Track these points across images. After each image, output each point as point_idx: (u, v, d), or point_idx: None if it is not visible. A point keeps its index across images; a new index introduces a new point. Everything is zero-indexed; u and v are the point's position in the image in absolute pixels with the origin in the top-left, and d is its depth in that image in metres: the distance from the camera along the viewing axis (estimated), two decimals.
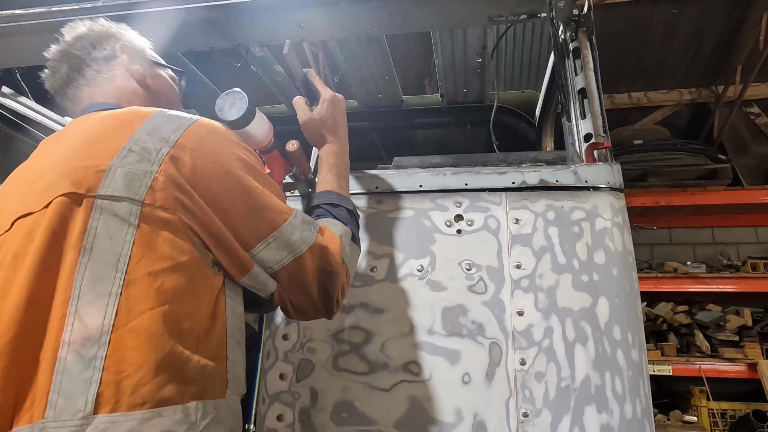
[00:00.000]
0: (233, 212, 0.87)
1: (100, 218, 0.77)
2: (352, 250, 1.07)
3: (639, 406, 1.14)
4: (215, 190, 0.85)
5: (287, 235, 0.91)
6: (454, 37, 1.98)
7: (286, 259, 0.91)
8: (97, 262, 0.75)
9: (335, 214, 1.09)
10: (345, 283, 1.03)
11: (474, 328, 1.22)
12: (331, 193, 1.14)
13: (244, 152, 0.94)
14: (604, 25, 3.73)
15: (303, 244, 0.93)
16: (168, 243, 0.79)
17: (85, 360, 0.69)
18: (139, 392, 0.69)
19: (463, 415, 1.17)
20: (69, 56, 1.09)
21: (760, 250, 4.77)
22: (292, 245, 0.92)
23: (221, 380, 0.82)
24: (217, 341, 0.83)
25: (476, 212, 1.32)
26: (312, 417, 1.22)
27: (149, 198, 0.79)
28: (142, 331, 0.73)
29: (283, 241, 0.91)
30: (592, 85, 1.40)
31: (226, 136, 0.93)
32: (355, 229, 1.12)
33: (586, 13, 1.44)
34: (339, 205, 1.11)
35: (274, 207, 0.92)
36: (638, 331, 1.20)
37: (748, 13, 3.77)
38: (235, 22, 1.54)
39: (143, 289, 0.75)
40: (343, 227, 1.07)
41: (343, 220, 1.09)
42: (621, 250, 1.25)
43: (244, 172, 0.90)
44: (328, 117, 1.23)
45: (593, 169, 1.30)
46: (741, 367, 3.67)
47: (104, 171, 0.80)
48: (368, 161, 1.87)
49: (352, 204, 1.16)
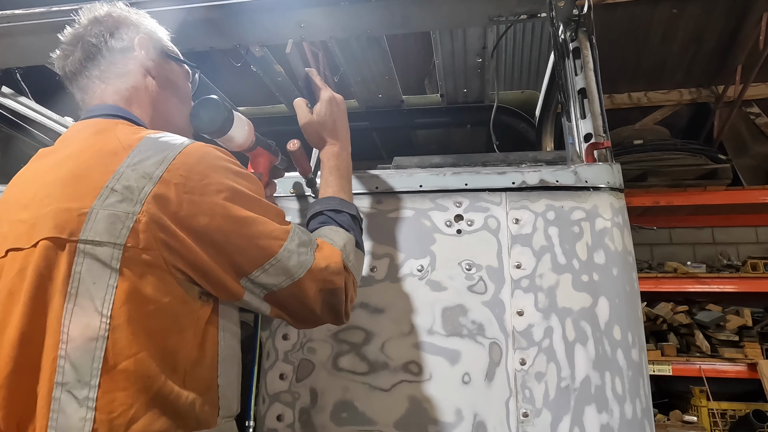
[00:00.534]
0: (226, 245, 0.85)
1: (83, 263, 0.78)
2: (357, 256, 1.06)
3: (639, 406, 1.14)
4: (204, 224, 0.84)
5: (284, 262, 0.90)
6: (454, 37, 1.98)
7: (284, 282, 0.91)
8: (82, 308, 0.76)
9: (338, 220, 1.08)
10: (352, 292, 1.02)
11: (474, 328, 1.22)
12: (334, 198, 1.12)
13: (233, 179, 0.90)
14: (604, 25, 3.73)
15: (301, 268, 0.92)
16: (151, 286, 0.79)
17: (78, 400, 0.73)
18: (132, 429, 0.74)
19: (463, 415, 1.17)
20: (84, 42, 1.05)
21: (760, 250, 4.77)
22: (290, 271, 0.91)
23: (212, 409, 0.85)
24: (207, 368, 0.86)
25: (476, 212, 1.32)
26: (312, 417, 1.22)
27: (132, 241, 0.78)
28: (130, 374, 0.75)
29: (281, 268, 0.90)
30: (592, 85, 1.40)
31: (214, 164, 0.89)
32: (359, 234, 1.11)
33: (586, 13, 1.44)
34: (342, 211, 1.10)
35: (268, 234, 0.90)
36: (638, 331, 1.20)
37: (748, 13, 3.76)
38: (235, 22, 1.54)
39: (128, 334, 0.76)
40: (347, 234, 1.06)
41: (346, 226, 1.07)
42: (621, 250, 1.25)
43: (234, 203, 0.87)
44: (327, 118, 1.22)
45: (593, 169, 1.30)
46: (741, 367, 3.66)
47: (86, 214, 0.79)
48: (368, 161, 1.87)
49: (355, 209, 1.14)
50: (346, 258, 1.01)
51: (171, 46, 1.19)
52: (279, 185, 1.47)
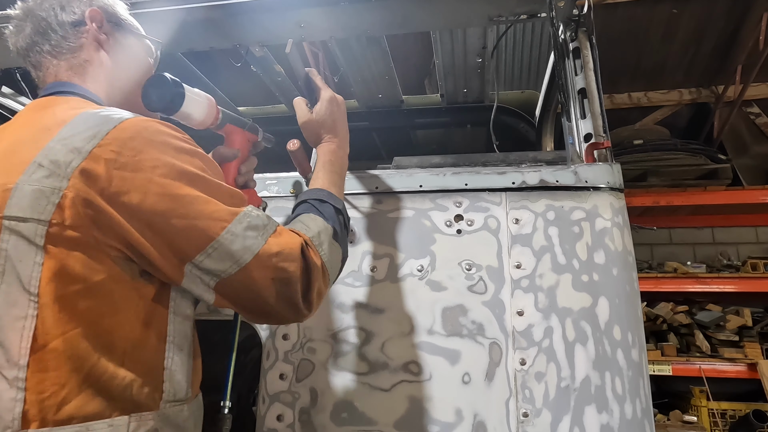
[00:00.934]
0: (163, 225, 0.80)
1: (9, 240, 0.75)
2: (332, 248, 1.00)
3: (639, 406, 1.14)
4: (137, 202, 0.78)
5: (227, 246, 0.83)
6: (454, 37, 1.98)
7: (231, 269, 0.84)
8: (10, 286, 0.74)
9: (320, 209, 1.05)
10: (319, 283, 0.94)
11: (474, 328, 1.22)
12: (322, 190, 1.10)
13: (174, 155, 0.84)
14: (604, 25, 3.73)
15: (247, 253, 0.84)
16: (80, 263, 0.76)
17: (8, 380, 0.72)
18: (64, 410, 0.72)
19: (463, 415, 1.17)
20: (34, 16, 1.02)
21: (760, 250, 4.77)
22: (234, 255, 0.84)
23: (153, 392, 0.81)
24: (151, 349, 0.82)
25: (476, 212, 1.32)
26: (312, 417, 1.22)
27: (57, 217, 0.75)
28: (60, 354, 0.73)
29: (224, 252, 0.83)
30: (592, 85, 1.40)
31: (151, 138, 0.83)
32: (341, 228, 1.06)
33: (586, 13, 1.44)
34: (326, 202, 1.07)
35: (209, 215, 0.83)
36: (638, 331, 1.20)
37: (748, 13, 3.77)
38: (235, 22, 1.54)
39: (55, 313, 0.74)
40: (324, 223, 1.01)
41: (326, 215, 1.04)
42: (621, 250, 1.25)
43: (172, 179, 0.81)
44: (326, 117, 1.21)
45: (593, 169, 1.30)
46: (741, 367, 3.66)
47: (10, 189, 0.76)
48: (368, 161, 1.87)
49: (342, 204, 1.11)
50: (319, 245, 0.96)
51: (129, 19, 1.14)
52: (279, 185, 1.47)
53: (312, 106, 1.23)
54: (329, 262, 0.98)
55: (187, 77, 2.31)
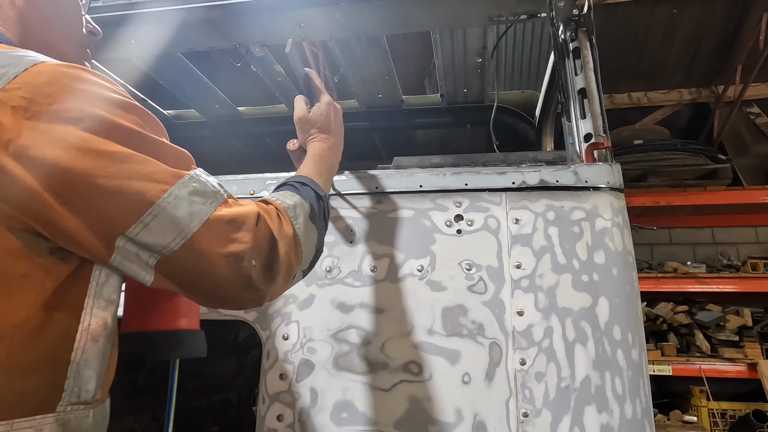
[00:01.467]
0: (85, 188, 0.65)
1: None
2: (308, 227, 0.90)
3: (639, 406, 1.14)
4: (52, 158, 0.64)
5: (169, 211, 0.69)
6: (454, 37, 1.98)
7: (175, 242, 0.69)
8: None
9: (300, 190, 0.96)
10: (292, 257, 0.82)
11: (474, 328, 1.22)
12: (305, 177, 1.03)
13: (104, 107, 0.70)
14: (604, 25, 3.73)
15: (193, 220, 0.71)
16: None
17: None
18: None
19: (463, 415, 1.17)
20: None
21: (760, 250, 4.78)
22: (178, 223, 0.69)
23: (49, 392, 0.66)
24: (54, 340, 0.67)
25: (476, 212, 1.32)
26: (312, 417, 1.22)
27: None
28: None
29: (166, 219, 0.69)
30: (592, 85, 1.40)
31: (73, 86, 0.69)
32: (319, 212, 0.96)
33: (586, 13, 1.44)
34: (307, 186, 0.99)
35: (148, 175, 0.69)
36: (638, 331, 1.20)
37: (748, 13, 3.77)
38: (235, 22, 1.54)
39: None
40: (301, 200, 0.91)
41: (304, 195, 0.95)
42: (621, 250, 1.25)
43: (98, 134, 0.67)
44: (322, 118, 1.21)
45: (593, 169, 1.30)
46: (741, 367, 3.67)
47: None
48: (368, 161, 1.87)
49: (324, 193, 1.03)
50: (294, 218, 0.86)
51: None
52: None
53: (311, 107, 1.23)
54: (303, 238, 0.87)
55: (187, 77, 2.31)
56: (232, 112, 2.71)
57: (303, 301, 1.32)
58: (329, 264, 1.35)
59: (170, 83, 2.31)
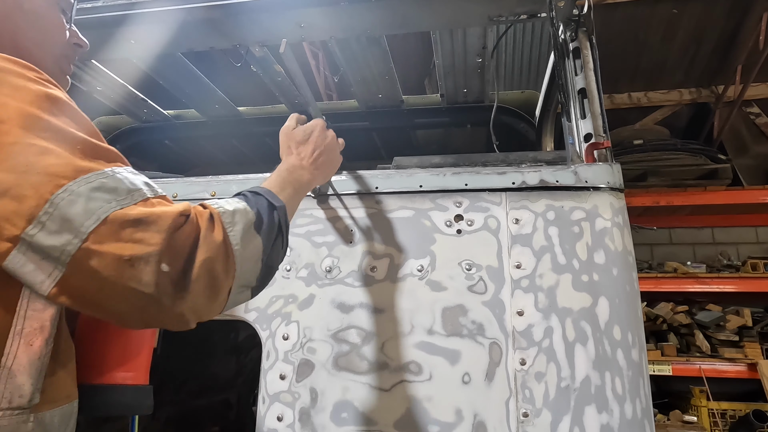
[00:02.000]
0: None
1: None
2: (248, 237, 0.79)
3: (639, 406, 1.14)
4: None
5: (63, 208, 0.61)
6: (454, 37, 1.98)
7: (71, 246, 0.61)
8: None
9: (249, 198, 0.88)
10: (218, 266, 0.72)
11: (474, 328, 1.22)
12: (262, 187, 0.95)
13: (9, 92, 0.65)
14: (604, 25, 3.73)
15: (89, 218, 0.62)
16: None
17: None
18: None
19: (463, 415, 1.17)
20: None
21: (760, 250, 4.78)
22: (72, 222, 0.61)
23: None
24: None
25: (476, 212, 1.32)
26: (312, 417, 1.22)
27: None
28: None
29: (60, 218, 0.61)
30: (592, 85, 1.40)
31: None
32: (268, 223, 0.86)
33: (586, 13, 1.44)
34: (261, 195, 0.90)
35: (44, 168, 0.62)
36: (638, 331, 1.20)
37: (748, 13, 3.76)
38: (235, 22, 1.54)
39: None
40: (245, 207, 0.82)
41: (252, 204, 0.85)
42: (621, 250, 1.25)
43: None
44: (302, 136, 1.18)
45: (593, 169, 1.30)
46: (741, 367, 3.67)
47: None
48: (368, 161, 1.87)
49: (282, 204, 0.93)
50: (229, 224, 0.76)
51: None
52: None
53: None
54: (239, 251, 0.76)
55: (187, 77, 2.31)
56: (232, 112, 2.71)
57: (303, 301, 1.32)
58: (329, 264, 1.35)
59: (170, 83, 2.31)
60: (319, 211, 1.42)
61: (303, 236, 1.40)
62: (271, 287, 1.36)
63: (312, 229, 1.40)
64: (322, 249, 1.37)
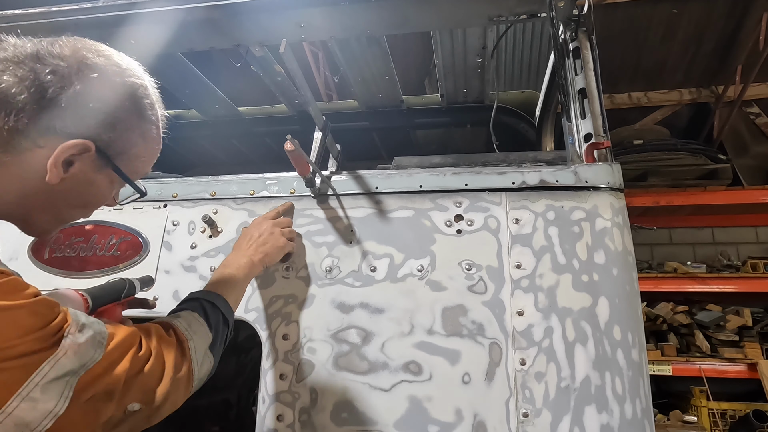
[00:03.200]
0: None
1: None
2: (205, 359, 0.94)
3: (639, 406, 1.14)
4: None
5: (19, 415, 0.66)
6: (454, 37, 1.98)
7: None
8: None
9: (209, 314, 0.99)
10: (180, 395, 0.86)
11: (474, 328, 1.22)
12: (219, 297, 1.06)
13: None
14: (604, 25, 3.73)
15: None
16: None
17: None
18: None
19: (463, 415, 1.17)
20: (17, 71, 0.76)
21: (760, 250, 4.78)
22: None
23: None
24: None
25: (476, 212, 1.32)
26: (312, 417, 1.22)
27: None
28: None
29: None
30: (592, 85, 1.40)
31: None
32: (221, 341, 1.01)
33: (586, 13, 1.44)
34: (219, 309, 1.03)
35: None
36: (638, 331, 1.20)
37: (748, 13, 3.76)
38: (235, 22, 1.54)
39: None
40: (207, 332, 0.96)
41: (212, 324, 0.99)
42: (621, 250, 1.25)
43: None
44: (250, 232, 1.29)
45: (593, 169, 1.30)
46: (741, 367, 3.67)
47: None
48: (368, 161, 1.87)
49: (232, 316, 1.08)
50: (193, 353, 0.89)
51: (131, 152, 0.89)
52: (279, 185, 1.47)
53: None
54: (196, 370, 0.90)
55: (187, 77, 2.31)
56: (232, 112, 2.71)
57: (303, 301, 1.32)
58: (329, 264, 1.35)
59: (170, 83, 2.31)
60: (319, 211, 1.42)
61: (303, 236, 1.40)
62: (271, 287, 1.36)
63: (312, 229, 1.40)
64: (322, 249, 1.37)
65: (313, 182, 1.39)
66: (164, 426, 1.06)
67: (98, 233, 1.50)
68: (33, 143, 0.77)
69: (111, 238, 1.49)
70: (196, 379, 0.90)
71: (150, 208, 1.52)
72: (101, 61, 0.84)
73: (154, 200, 1.53)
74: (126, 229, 1.50)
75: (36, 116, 0.76)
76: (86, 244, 1.49)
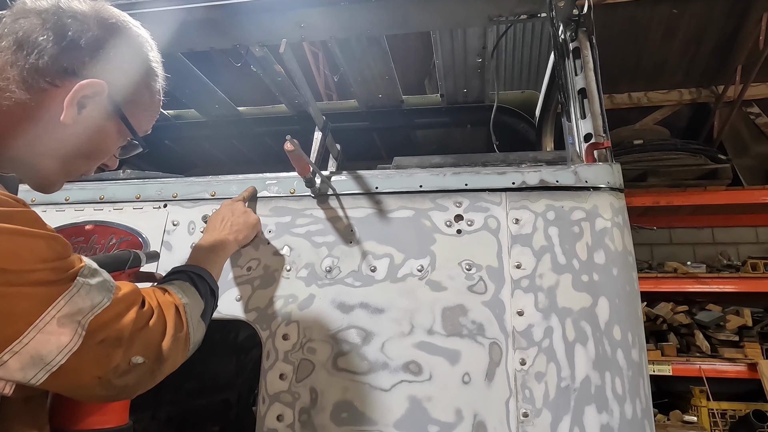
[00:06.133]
0: None
1: None
2: (199, 325, 0.96)
3: (639, 406, 1.14)
4: None
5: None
6: (454, 37, 1.98)
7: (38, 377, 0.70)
8: None
9: (198, 284, 1.02)
10: (179, 357, 0.87)
11: (474, 328, 1.22)
12: (204, 269, 1.08)
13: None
14: (604, 25, 3.73)
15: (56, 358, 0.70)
16: None
17: None
18: None
19: (463, 415, 1.17)
20: (17, 27, 0.80)
21: (760, 250, 4.78)
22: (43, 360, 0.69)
23: None
24: None
25: (476, 212, 1.32)
26: (312, 417, 1.22)
27: None
28: None
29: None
30: (592, 85, 1.40)
31: None
32: (210, 311, 1.03)
33: (586, 13, 1.44)
34: (206, 281, 1.05)
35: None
36: (638, 331, 1.20)
37: (748, 13, 3.77)
38: (235, 22, 1.54)
39: None
40: (199, 299, 0.98)
41: (202, 293, 1.01)
42: (621, 250, 1.25)
43: None
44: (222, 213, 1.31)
45: (593, 169, 1.30)
46: (741, 367, 3.67)
47: None
48: (368, 161, 1.87)
49: (217, 289, 1.11)
50: (189, 317, 0.91)
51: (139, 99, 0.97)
52: (279, 185, 1.47)
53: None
54: (192, 335, 0.92)
55: (187, 77, 2.31)
56: (232, 112, 2.71)
57: (303, 301, 1.32)
58: (329, 264, 1.35)
59: (170, 83, 2.30)
60: (319, 211, 1.42)
61: (303, 236, 1.40)
62: (271, 287, 1.36)
63: (312, 229, 1.40)
64: (322, 249, 1.37)
65: (313, 182, 1.39)
66: (164, 426, 1.07)
67: (98, 233, 1.50)
68: (51, 83, 0.81)
69: (111, 238, 1.49)
70: (192, 343, 0.92)
71: (150, 208, 1.52)
72: (117, 14, 0.91)
73: (154, 200, 1.52)
74: (126, 229, 1.50)
75: (56, 56, 0.81)
76: (86, 244, 1.49)
